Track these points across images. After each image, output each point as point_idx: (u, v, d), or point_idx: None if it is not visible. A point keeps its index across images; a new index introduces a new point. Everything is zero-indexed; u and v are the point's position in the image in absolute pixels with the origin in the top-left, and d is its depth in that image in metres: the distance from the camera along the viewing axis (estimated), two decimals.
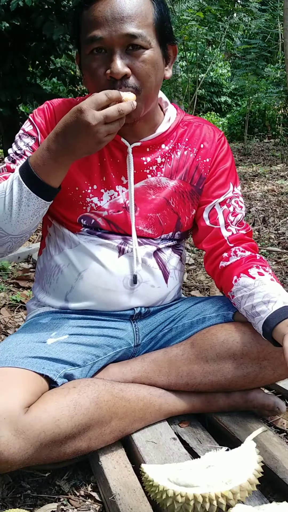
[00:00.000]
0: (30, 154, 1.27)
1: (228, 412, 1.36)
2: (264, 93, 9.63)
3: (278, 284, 1.28)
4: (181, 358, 1.32)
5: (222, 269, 1.37)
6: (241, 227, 1.40)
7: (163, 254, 1.40)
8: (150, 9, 1.18)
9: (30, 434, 1.05)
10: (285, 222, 3.97)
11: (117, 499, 1.07)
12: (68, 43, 5.75)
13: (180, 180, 1.36)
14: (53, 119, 1.30)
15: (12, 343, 1.23)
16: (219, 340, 1.31)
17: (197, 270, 2.95)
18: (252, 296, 1.26)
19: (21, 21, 5.13)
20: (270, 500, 1.10)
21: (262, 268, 1.32)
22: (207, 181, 1.39)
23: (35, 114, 1.32)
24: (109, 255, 1.33)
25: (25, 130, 1.32)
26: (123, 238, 1.34)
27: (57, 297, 1.39)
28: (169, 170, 1.35)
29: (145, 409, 1.27)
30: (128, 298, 1.36)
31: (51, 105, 1.32)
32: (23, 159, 1.27)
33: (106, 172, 1.31)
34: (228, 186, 1.40)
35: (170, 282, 1.42)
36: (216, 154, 1.39)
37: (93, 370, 1.30)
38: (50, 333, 1.28)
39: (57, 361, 1.21)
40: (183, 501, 0.95)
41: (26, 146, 1.29)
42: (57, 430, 1.09)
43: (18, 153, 1.29)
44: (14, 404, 1.04)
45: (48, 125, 1.30)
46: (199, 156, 1.37)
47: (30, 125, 1.31)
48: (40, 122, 1.30)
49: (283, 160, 7.29)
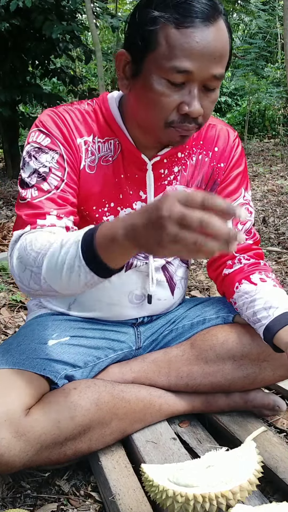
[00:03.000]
0: (56, 171, 1.16)
1: (228, 412, 1.36)
2: (264, 93, 9.62)
3: (281, 290, 1.27)
4: (181, 358, 1.32)
5: (225, 276, 1.36)
6: (249, 236, 1.35)
7: (171, 265, 1.37)
8: (229, 46, 1.08)
9: (31, 436, 1.05)
10: (285, 222, 3.97)
11: (117, 499, 1.07)
12: (68, 43, 5.75)
13: (196, 187, 1.31)
14: (70, 131, 1.19)
15: (13, 344, 1.23)
16: (219, 341, 1.31)
17: (197, 270, 2.95)
18: (254, 303, 1.25)
19: (21, 21, 5.13)
20: (270, 500, 1.10)
21: (264, 274, 1.30)
22: (219, 186, 1.33)
23: (47, 125, 1.18)
24: None
25: (43, 144, 1.17)
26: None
27: (59, 305, 1.37)
28: (185, 178, 1.30)
29: (145, 410, 1.27)
30: (133, 311, 1.35)
31: (60, 114, 1.20)
32: (50, 176, 1.15)
33: (123, 189, 1.24)
34: (240, 192, 1.34)
35: (177, 293, 1.41)
36: (230, 159, 1.32)
37: (94, 372, 1.29)
38: (51, 334, 1.28)
39: (58, 363, 1.21)
40: (183, 501, 0.95)
41: (50, 162, 1.16)
42: (58, 432, 1.09)
43: (43, 170, 1.15)
44: (14, 406, 1.04)
45: (68, 138, 1.18)
46: (214, 161, 1.31)
47: (47, 138, 1.17)
48: (58, 135, 1.18)
49: (283, 160, 7.28)
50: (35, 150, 1.17)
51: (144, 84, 1.07)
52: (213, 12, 1.01)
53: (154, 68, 1.04)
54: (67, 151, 1.18)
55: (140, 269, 1.31)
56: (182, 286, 1.43)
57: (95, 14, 6.07)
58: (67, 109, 1.21)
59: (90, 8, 5.42)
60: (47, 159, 1.16)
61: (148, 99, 1.07)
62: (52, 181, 1.15)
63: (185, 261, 1.43)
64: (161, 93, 1.05)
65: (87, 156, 1.21)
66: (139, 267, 1.31)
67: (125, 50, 1.09)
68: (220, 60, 1.04)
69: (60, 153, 1.17)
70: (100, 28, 9.41)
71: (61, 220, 1.12)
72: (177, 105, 1.06)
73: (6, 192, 5.43)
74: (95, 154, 1.21)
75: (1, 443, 1.02)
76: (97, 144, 1.21)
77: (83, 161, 1.21)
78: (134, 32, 1.07)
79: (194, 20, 0.99)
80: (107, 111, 1.22)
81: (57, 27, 4.98)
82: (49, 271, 0.96)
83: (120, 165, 1.23)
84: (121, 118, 1.21)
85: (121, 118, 1.21)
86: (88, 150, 1.21)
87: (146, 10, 1.03)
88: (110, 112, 1.21)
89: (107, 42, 10.55)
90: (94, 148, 1.21)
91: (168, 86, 1.04)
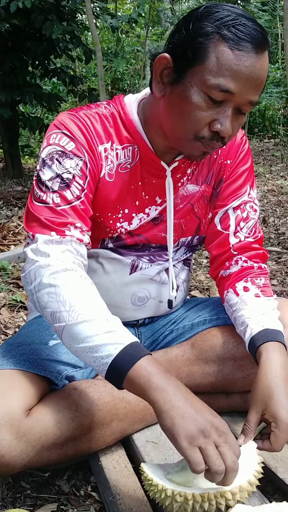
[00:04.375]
0: (79, 179, 1.14)
1: (228, 412, 1.36)
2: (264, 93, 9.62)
3: (260, 301, 1.23)
4: (181, 358, 1.32)
5: (221, 277, 1.35)
6: (250, 234, 1.33)
7: (174, 268, 1.37)
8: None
9: (32, 437, 1.05)
10: (285, 222, 3.97)
11: (117, 499, 1.08)
12: (68, 43, 5.74)
13: (206, 185, 1.31)
14: (93, 137, 1.17)
15: (13, 345, 1.23)
16: (220, 342, 1.31)
17: (197, 270, 2.95)
18: (235, 322, 1.25)
19: (21, 21, 5.12)
20: (270, 500, 1.10)
21: (251, 281, 1.27)
22: (224, 182, 1.32)
23: (70, 128, 1.15)
24: (120, 270, 1.30)
25: (67, 149, 1.14)
26: (137, 255, 1.30)
27: None
28: (195, 176, 1.30)
29: (145, 410, 1.27)
30: (135, 313, 1.35)
31: (82, 119, 1.17)
32: (73, 183, 1.13)
33: (139, 195, 1.24)
34: (245, 189, 1.33)
35: (178, 295, 1.41)
36: (237, 156, 1.32)
37: (94, 372, 1.29)
38: (51, 334, 1.28)
39: (58, 363, 1.21)
40: (181, 501, 0.95)
41: (74, 169, 1.13)
42: (58, 433, 1.09)
43: (66, 177, 1.13)
44: (15, 407, 1.04)
45: (91, 145, 1.16)
46: (221, 157, 1.31)
47: (71, 142, 1.14)
48: (83, 141, 1.15)
49: (283, 160, 7.28)
50: (59, 153, 1.13)
51: (182, 94, 1.06)
52: (264, 42, 1.03)
53: (197, 80, 1.04)
54: (91, 159, 1.17)
55: (144, 272, 1.31)
56: (184, 288, 1.43)
57: (95, 14, 6.08)
58: (87, 114, 1.19)
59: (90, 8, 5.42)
60: (71, 165, 1.13)
61: (184, 109, 1.07)
62: (75, 190, 1.13)
63: (187, 264, 1.43)
64: (198, 107, 1.05)
65: (107, 164, 1.20)
66: (144, 269, 1.31)
67: (169, 55, 1.08)
68: (260, 88, 1.06)
69: (84, 160, 1.15)
70: (100, 28, 9.41)
71: (84, 236, 1.12)
72: (210, 121, 1.06)
73: (6, 192, 5.43)
74: (113, 162, 1.20)
75: (1, 444, 1.02)
76: (115, 151, 1.20)
77: (104, 169, 1.20)
78: (184, 40, 1.05)
79: (248, 46, 1.01)
80: (126, 116, 1.20)
81: (57, 27, 4.98)
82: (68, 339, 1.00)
83: (138, 171, 1.23)
84: (140, 122, 1.20)
85: (140, 124, 1.20)
86: (108, 157, 1.20)
87: (202, 22, 1.03)
88: (129, 118, 1.20)
89: (107, 42, 10.54)
90: (113, 156, 1.20)
91: (207, 102, 1.04)
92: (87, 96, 6.19)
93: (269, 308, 1.21)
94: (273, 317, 1.19)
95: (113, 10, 7.93)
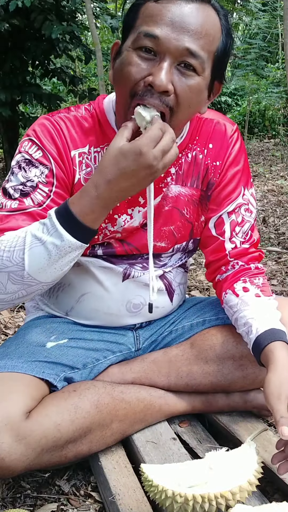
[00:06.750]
0: (44, 186, 1.14)
1: (228, 412, 1.36)
2: (264, 93, 9.61)
3: (262, 301, 1.22)
4: (181, 358, 1.32)
5: (218, 281, 1.34)
6: (246, 239, 1.30)
7: (169, 273, 1.36)
8: (218, 37, 1.07)
9: (31, 439, 1.05)
10: (285, 222, 3.97)
11: (117, 499, 1.07)
12: (68, 43, 5.75)
13: (192, 188, 1.27)
14: (64, 143, 1.16)
15: (11, 347, 1.23)
16: (219, 341, 1.31)
17: (197, 270, 2.95)
18: (237, 323, 1.24)
19: (21, 21, 5.13)
20: (270, 500, 1.10)
21: (249, 281, 1.26)
22: (216, 187, 1.28)
23: (41, 136, 1.15)
24: (113, 279, 1.29)
25: (34, 157, 1.15)
26: (129, 263, 1.29)
27: (57, 310, 1.37)
28: (180, 176, 1.26)
29: (145, 410, 1.27)
30: (130, 319, 1.35)
31: (56, 124, 1.17)
32: (36, 191, 1.13)
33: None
34: (239, 192, 1.28)
35: (175, 299, 1.41)
36: (226, 157, 1.26)
37: (93, 373, 1.29)
38: (49, 336, 1.28)
39: (57, 365, 1.21)
40: (182, 501, 0.95)
41: (38, 177, 1.14)
42: (58, 435, 1.09)
43: (29, 185, 1.13)
44: (14, 410, 1.04)
45: (61, 152, 1.16)
46: (208, 158, 1.26)
47: (39, 151, 1.15)
48: (51, 149, 1.15)
49: (283, 160, 7.28)
50: (26, 161, 1.15)
51: (121, 61, 1.06)
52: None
53: (130, 42, 1.05)
54: (58, 166, 1.16)
55: (137, 279, 1.30)
56: (181, 291, 1.43)
57: (95, 14, 6.08)
58: (63, 117, 1.18)
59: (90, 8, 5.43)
60: (36, 173, 1.14)
61: (122, 72, 1.05)
62: (37, 197, 1.13)
63: (184, 267, 1.42)
64: (131, 63, 1.03)
65: (82, 168, 1.19)
66: (137, 277, 1.30)
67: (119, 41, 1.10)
68: (197, 36, 1.02)
69: (50, 168, 1.15)
70: (100, 28, 9.41)
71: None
72: (144, 76, 1.03)
73: None
74: (90, 165, 1.19)
75: (1, 447, 1.01)
76: (93, 154, 1.19)
77: (78, 174, 1.18)
78: (124, 19, 1.09)
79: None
80: (102, 114, 1.19)
81: (57, 27, 4.98)
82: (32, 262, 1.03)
83: None
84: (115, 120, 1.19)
85: (114, 121, 1.19)
86: (83, 162, 1.18)
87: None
88: (105, 116, 1.19)
89: (107, 42, 10.54)
90: (90, 159, 1.19)
91: (139, 56, 1.03)
92: (87, 96, 6.19)
93: (272, 308, 1.21)
94: (277, 317, 1.19)
95: (113, 10, 7.93)
